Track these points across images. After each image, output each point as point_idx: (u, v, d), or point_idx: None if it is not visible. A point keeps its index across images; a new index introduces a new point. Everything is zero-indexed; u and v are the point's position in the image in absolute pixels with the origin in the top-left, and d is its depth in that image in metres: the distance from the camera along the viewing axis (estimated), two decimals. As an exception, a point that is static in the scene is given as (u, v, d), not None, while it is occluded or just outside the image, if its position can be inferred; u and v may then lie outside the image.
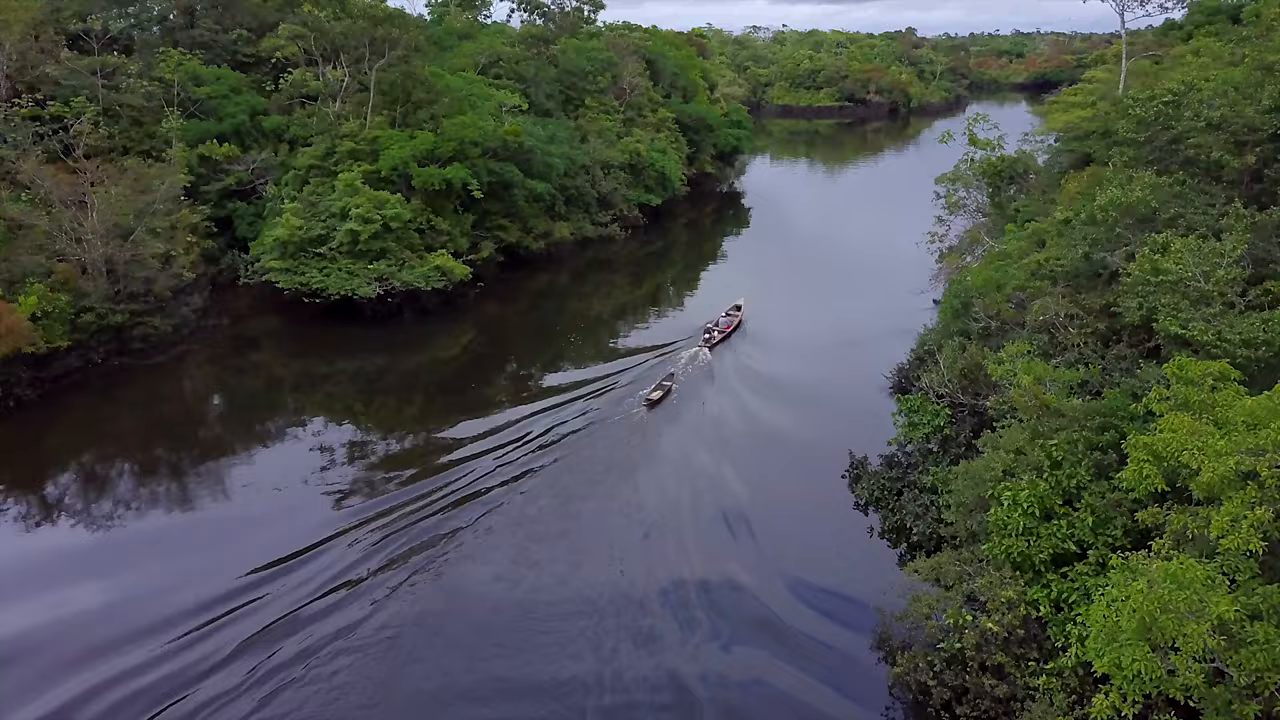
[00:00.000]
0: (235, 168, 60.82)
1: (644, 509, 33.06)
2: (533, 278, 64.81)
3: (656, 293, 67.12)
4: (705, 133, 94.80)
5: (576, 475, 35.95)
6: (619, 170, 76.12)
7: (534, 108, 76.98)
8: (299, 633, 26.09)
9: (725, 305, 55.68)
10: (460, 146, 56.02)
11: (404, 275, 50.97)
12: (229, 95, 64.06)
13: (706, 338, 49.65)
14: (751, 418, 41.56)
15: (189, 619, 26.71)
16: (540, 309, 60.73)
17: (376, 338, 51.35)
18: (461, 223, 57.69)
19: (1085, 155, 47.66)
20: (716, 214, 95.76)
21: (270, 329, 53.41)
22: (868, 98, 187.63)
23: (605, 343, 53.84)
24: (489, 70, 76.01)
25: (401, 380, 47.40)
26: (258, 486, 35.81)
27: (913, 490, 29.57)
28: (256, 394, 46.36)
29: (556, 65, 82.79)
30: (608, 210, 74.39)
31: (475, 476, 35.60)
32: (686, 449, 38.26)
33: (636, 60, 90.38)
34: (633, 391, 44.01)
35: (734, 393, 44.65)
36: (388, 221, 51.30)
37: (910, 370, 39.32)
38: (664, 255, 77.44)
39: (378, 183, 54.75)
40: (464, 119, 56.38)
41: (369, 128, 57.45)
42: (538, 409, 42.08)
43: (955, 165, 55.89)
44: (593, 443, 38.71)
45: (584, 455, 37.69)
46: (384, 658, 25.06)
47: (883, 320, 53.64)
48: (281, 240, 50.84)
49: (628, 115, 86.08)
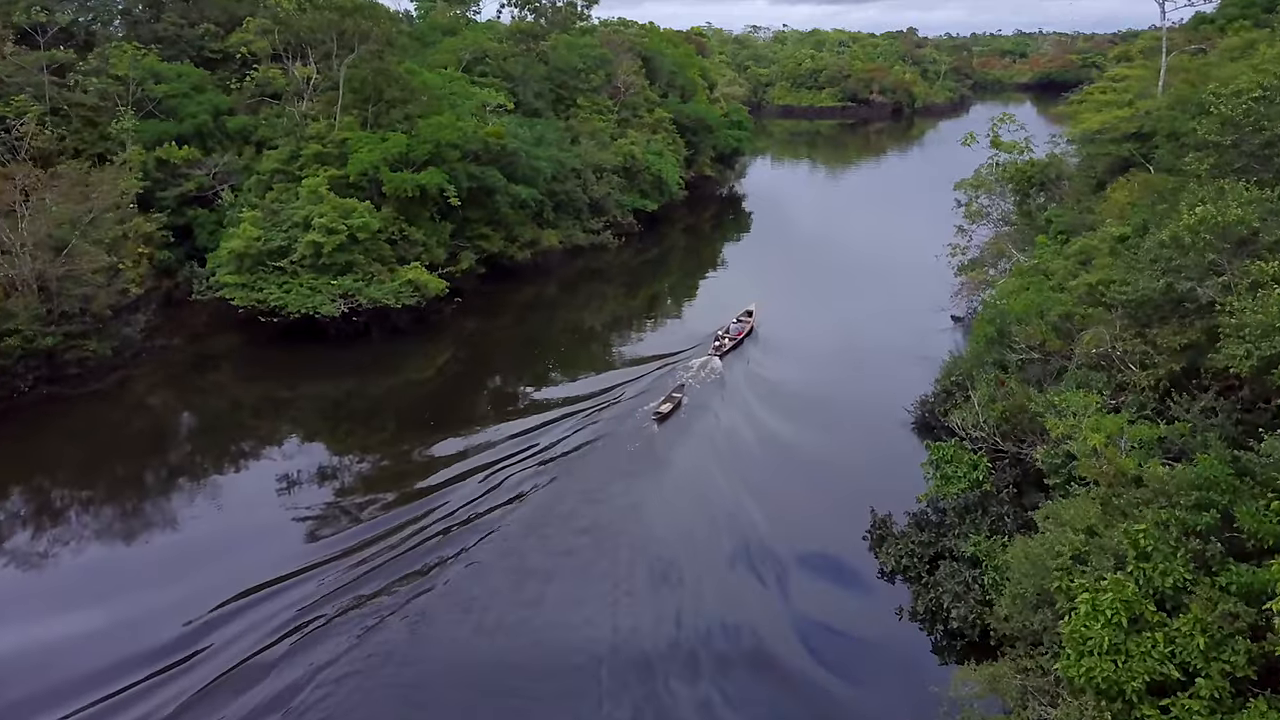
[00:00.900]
0: (196, 172, 56.11)
1: (652, 543, 29.30)
2: (518, 290, 60.16)
3: (654, 303, 62.77)
4: (704, 134, 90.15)
5: (574, 501, 32.32)
6: (612, 174, 71.44)
7: (522, 107, 72.29)
8: (249, 690, 22.72)
9: (729, 313, 51.73)
10: (437, 149, 51.35)
11: (371, 291, 46.28)
12: (190, 94, 59.38)
13: (717, 345, 46.50)
14: (767, 439, 37.85)
15: (122, 674, 23.26)
16: (528, 323, 56.20)
17: (342, 359, 46.70)
18: (439, 232, 53.02)
19: (1123, 159, 43.05)
20: (716, 219, 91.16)
21: (227, 350, 48.67)
22: (871, 98, 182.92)
23: (603, 356, 49.88)
24: (474, 68, 71.32)
25: (371, 405, 42.96)
26: (206, 521, 32.05)
27: (949, 560, 24.91)
28: (208, 422, 41.64)
29: (547, 63, 78.11)
30: (600, 216, 69.70)
31: (456, 506, 32.17)
32: (700, 472, 34.82)
33: (632, 58, 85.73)
34: (637, 407, 40.34)
35: (746, 407, 41.18)
36: (354, 232, 46.63)
37: (936, 404, 34.66)
38: (661, 263, 72.80)
39: (346, 189, 50.06)
40: (441, 119, 51.71)
41: (338, 129, 52.77)
42: (528, 428, 38.52)
43: (976, 170, 51.32)
44: (593, 464, 35.32)
45: (583, 478, 34.11)
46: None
47: (897, 333, 49.52)
48: (237, 252, 46.15)
49: (622, 115, 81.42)
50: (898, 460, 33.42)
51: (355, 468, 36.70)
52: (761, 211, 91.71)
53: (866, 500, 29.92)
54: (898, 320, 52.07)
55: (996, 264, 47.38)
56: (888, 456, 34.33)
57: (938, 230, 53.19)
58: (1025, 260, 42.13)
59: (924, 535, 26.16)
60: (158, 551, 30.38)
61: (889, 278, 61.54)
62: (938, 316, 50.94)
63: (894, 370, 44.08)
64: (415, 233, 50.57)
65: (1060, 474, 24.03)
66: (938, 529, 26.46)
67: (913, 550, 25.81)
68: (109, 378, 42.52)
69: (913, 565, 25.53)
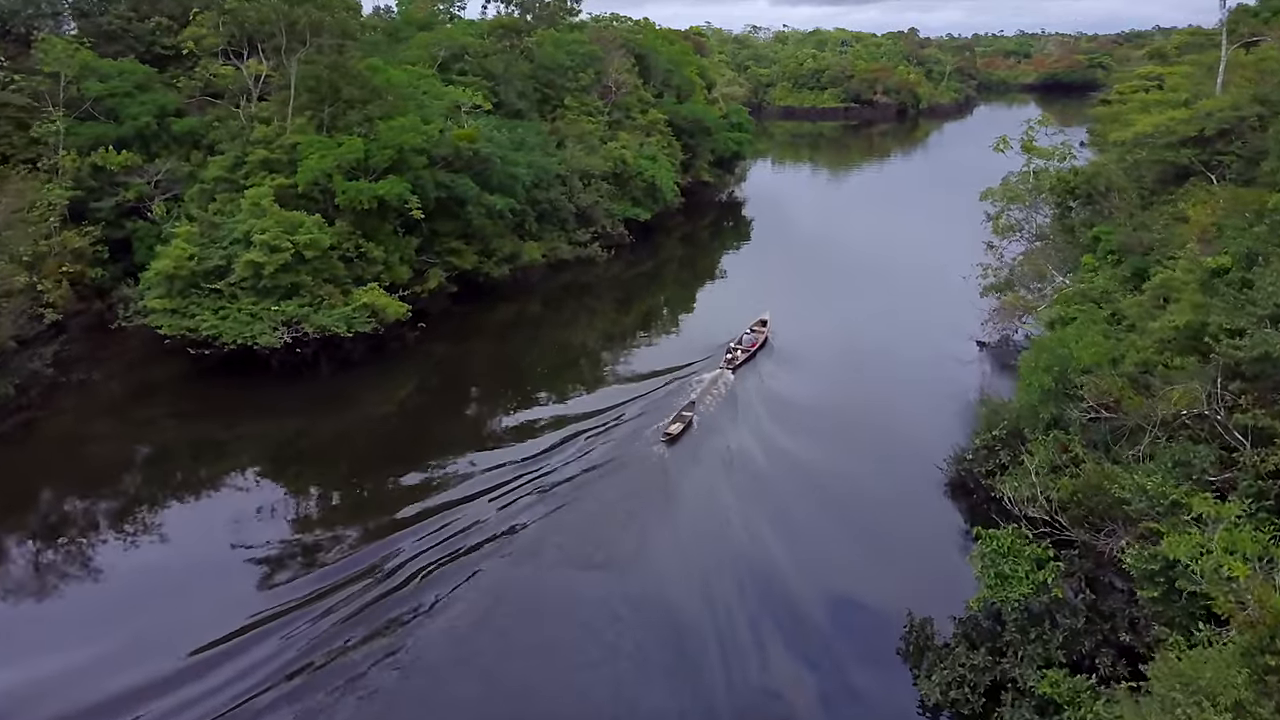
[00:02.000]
0: (136, 180, 50.47)
1: (663, 605, 25.24)
2: (495, 309, 54.40)
3: (650, 317, 57.43)
4: (702, 136, 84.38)
5: (568, 547, 28.48)
6: (601, 180, 65.75)
7: (503, 108, 66.66)
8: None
9: (732, 327, 47.47)
10: (399, 155, 45.60)
11: (319, 318, 40.52)
12: (133, 93, 53.65)
13: (729, 358, 43.44)
14: (783, 472, 33.67)
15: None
16: (508, 344, 50.60)
17: (289, 395, 40.96)
18: (403, 248, 47.29)
19: (1180, 168, 37.38)
20: (715, 227, 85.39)
21: (159, 383, 42.81)
22: (874, 99, 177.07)
23: (596, 376, 45.21)
24: (452, 66, 65.60)
25: (320, 446, 37.73)
26: (122, 581, 27.80)
27: (1012, 693, 19.19)
28: (130, 470, 35.83)
29: (532, 60, 72.47)
30: (588, 227, 64.02)
31: (418, 553, 28.02)
32: (716, 510, 30.80)
33: (624, 55, 80.00)
34: (640, 429, 36.64)
35: (760, 430, 37.30)
36: (301, 250, 40.91)
37: (976, 462, 28.92)
38: (656, 276, 67.08)
39: (296, 200, 44.39)
40: (404, 121, 45.98)
41: (290, 132, 47.07)
42: (509, 460, 34.53)
43: (1004, 179, 45.58)
44: (589, 498, 31.46)
45: (579, 514, 30.31)
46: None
47: (916, 358, 44.63)
48: (166, 274, 40.44)
49: (614, 117, 75.71)
50: (931, 532, 27.83)
51: (300, 516, 32.07)
52: (763, 218, 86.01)
53: (894, 582, 24.36)
54: (915, 342, 47.09)
55: (1032, 285, 41.68)
56: (919, 526, 28.62)
57: (951, 240, 48.88)
58: (1069, 283, 36.47)
59: (977, 655, 20.40)
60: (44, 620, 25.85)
61: (901, 291, 56.53)
62: (959, 340, 45.53)
63: (917, 405, 38.70)
64: (374, 249, 44.85)
65: (1158, 584, 18.37)
66: (994, 645, 20.70)
67: (963, 675, 20.05)
68: (8, 421, 36.73)
69: (965, 697, 19.78)
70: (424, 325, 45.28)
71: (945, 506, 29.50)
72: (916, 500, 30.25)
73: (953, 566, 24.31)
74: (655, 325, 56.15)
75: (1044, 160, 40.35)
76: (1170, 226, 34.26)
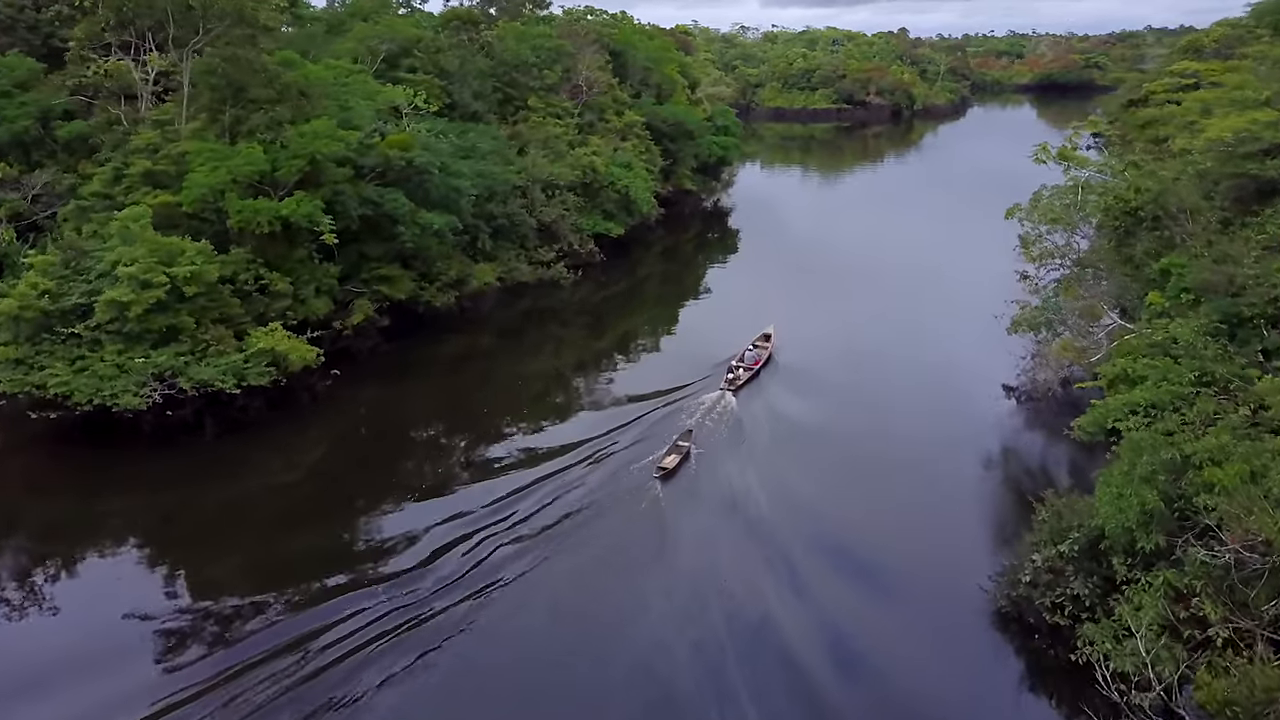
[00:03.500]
0: (10, 195, 42.65)
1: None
2: (439, 343, 46.61)
3: (627, 343, 50.36)
4: (684, 141, 76.61)
5: (535, 622, 24.17)
6: (568, 191, 58.11)
7: (458, 110, 59.04)
8: None
9: (717, 351, 42.88)
10: (313, 165, 37.87)
11: (200, 371, 32.64)
12: (11, 92, 45.76)
13: (730, 378, 39.60)
14: (793, 534, 28.49)
15: None
16: (457, 381, 43.49)
17: (164, 464, 33.01)
18: (319, 276, 39.48)
19: (1267, 181, 30.01)
20: (700, 239, 77.85)
21: (7, 448, 34.96)
22: (867, 99, 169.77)
23: (571, 409, 39.75)
24: (400, 62, 57.82)
25: (203, 523, 30.24)
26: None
27: None
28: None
29: (491, 56, 64.79)
30: (552, 244, 56.36)
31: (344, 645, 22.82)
32: (720, 570, 26.10)
33: (597, 51, 72.30)
34: (624, 466, 32.37)
35: (770, 469, 32.65)
36: (180, 284, 33.09)
37: (1037, 588, 21.29)
38: (632, 296, 59.44)
39: (187, 221, 36.69)
40: (319, 125, 38.17)
41: (184, 138, 39.25)
42: (466, 511, 29.61)
43: (1036, 194, 38.17)
44: (571, 550, 27.27)
45: (551, 579, 25.94)
46: None
47: (931, 397, 38.47)
48: (11, 314, 32.54)
49: (585, 119, 68.02)
50: (980, 692, 20.22)
51: (172, 602, 25.89)
52: (752, 229, 78.45)
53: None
54: (926, 375, 40.99)
55: (1072, 319, 34.23)
56: (962, 680, 21.01)
57: (960, 253, 46.37)
58: (1131, 327, 29.03)
59: None
60: None
61: (907, 309, 50.70)
62: (981, 377, 38.83)
63: (939, 464, 32.39)
64: (279, 281, 37.02)
65: None
66: None
67: None
68: None
69: None
70: (338, 372, 37.35)
71: (994, 649, 21.86)
72: (957, 633, 22.63)
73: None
74: (634, 350, 49.41)
75: (1090, 172, 32.88)
76: (1265, 259, 26.93)
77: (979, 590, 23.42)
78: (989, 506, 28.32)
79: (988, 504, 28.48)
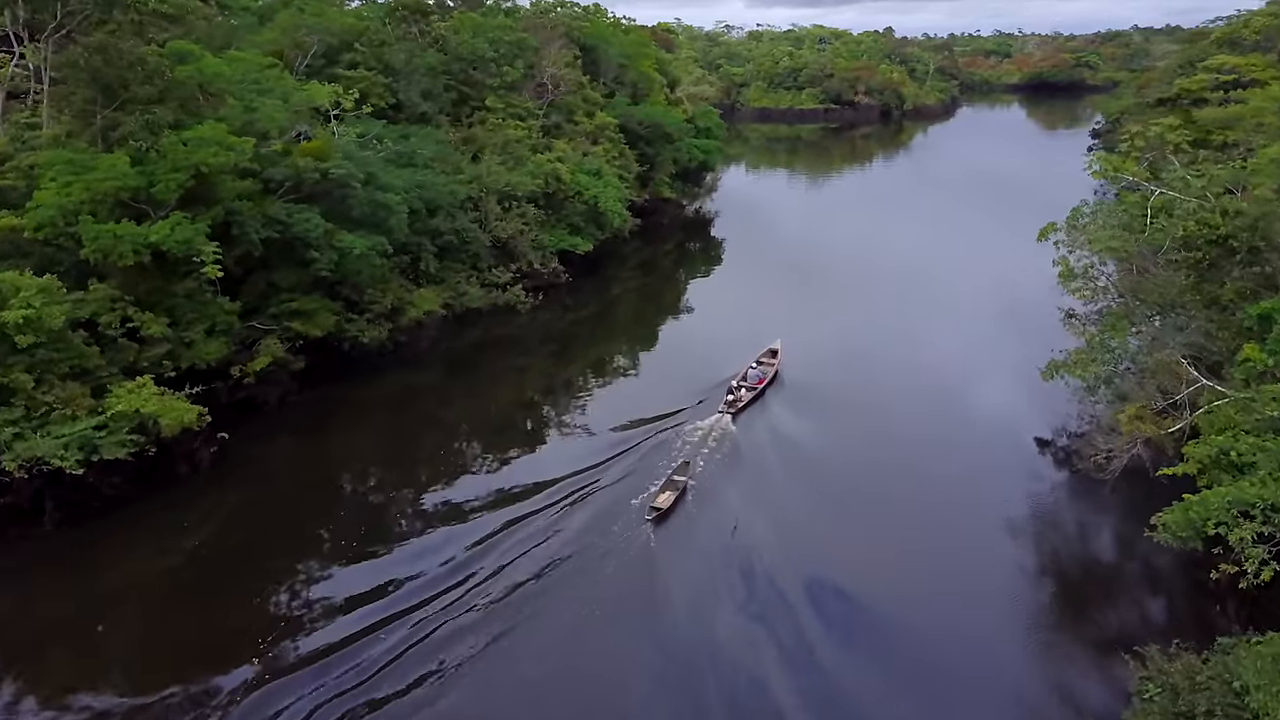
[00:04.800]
0: None
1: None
2: (371, 384, 39.77)
3: (602, 371, 44.41)
4: (662, 144, 69.86)
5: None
6: (528, 203, 51.31)
7: (404, 111, 52.20)
8: None
9: (704, 375, 39.35)
10: (199, 180, 30.91)
11: (34, 445, 25.58)
12: None
13: (731, 399, 36.54)
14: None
15: None
16: (396, 424, 37.12)
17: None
18: (211, 313, 32.48)
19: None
20: (679, 251, 71.16)
21: None
22: (856, 99, 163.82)
23: (537, 447, 35.07)
24: (339, 57, 50.86)
25: (36, 640, 23.55)
26: None
27: None
28: None
29: (445, 51, 57.90)
30: (510, 264, 49.56)
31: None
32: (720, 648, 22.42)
33: (564, 45, 65.53)
34: (605, 511, 28.69)
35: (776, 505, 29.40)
36: (10, 333, 26.08)
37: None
38: (603, 319, 52.73)
39: (39, 249, 29.65)
40: (205, 131, 31.17)
41: (44, 147, 32.17)
42: (406, 578, 25.45)
43: (1074, 211, 31.68)
44: (547, 613, 23.76)
45: (515, 655, 22.24)
46: None
47: (951, 448, 33.18)
48: None
49: (551, 121, 61.29)
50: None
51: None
52: (737, 238, 72.37)
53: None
54: (941, 405, 36.39)
55: (1121, 367, 27.76)
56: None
57: (959, 258, 44.67)
58: (1225, 391, 22.53)
59: None
60: None
61: (906, 325, 46.93)
62: (1001, 426, 33.22)
63: (970, 530, 26.62)
64: (154, 322, 29.97)
65: None
66: None
67: None
68: None
69: None
70: (225, 435, 30.33)
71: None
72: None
73: None
74: (612, 377, 43.53)
75: (1157, 189, 26.34)
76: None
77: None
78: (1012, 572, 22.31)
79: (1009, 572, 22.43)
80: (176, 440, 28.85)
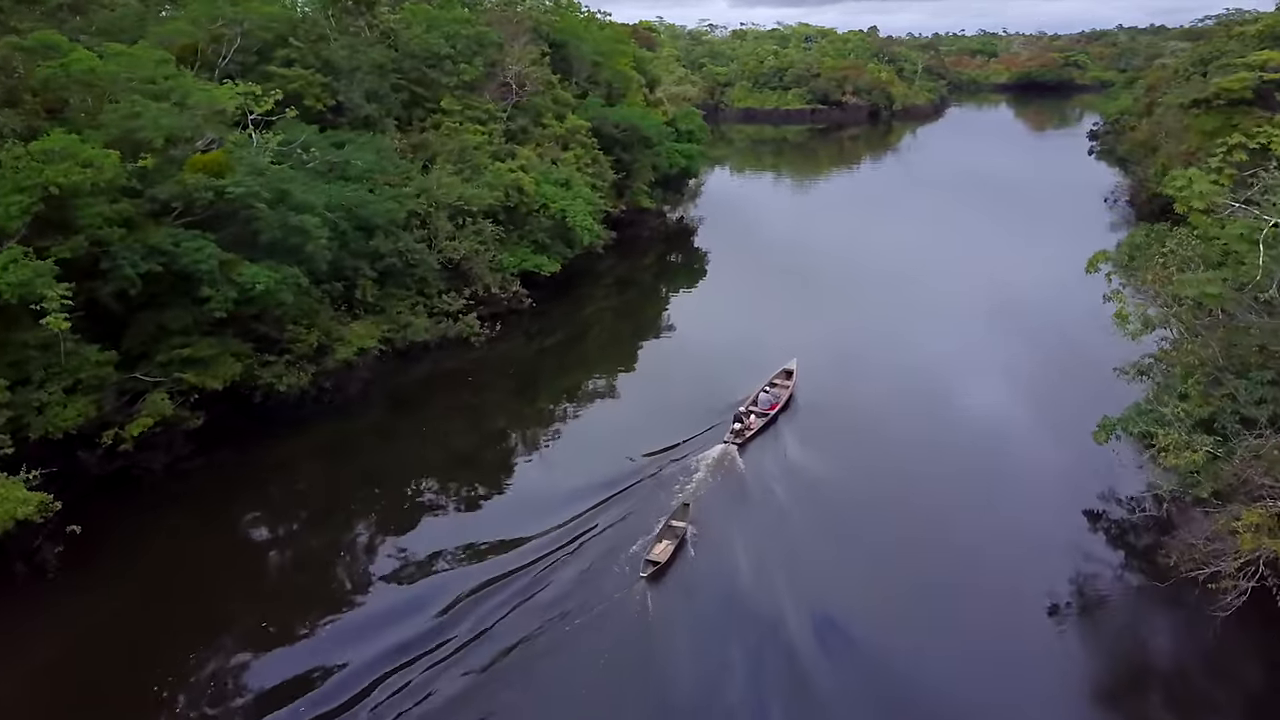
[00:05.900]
0: None
1: None
2: (289, 440, 33.44)
3: (577, 404, 38.35)
4: (640, 149, 63.79)
5: None
6: (485, 219, 45.20)
7: (347, 114, 46.01)
8: None
9: (694, 404, 35.15)
10: (49, 201, 24.66)
11: None
12: None
13: (738, 428, 32.75)
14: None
15: None
16: (322, 482, 31.53)
17: None
18: (72, 367, 26.21)
19: None
20: (660, 265, 65.30)
21: None
22: (843, 99, 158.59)
23: (493, 496, 30.25)
24: (273, 54, 44.57)
25: None
26: None
27: None
28: None
29: (395, 47, 51.72)
30: (464, 288, 43.45)
31: None
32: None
33: (531, 41, 59.45)
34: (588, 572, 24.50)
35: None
36: None
37: None
38: (573, 347, 46.47)
39: None
40: (54, 142, 24.90)
41: None
42: (311, 669, 20.96)
43: (1128, 239, 26.07)
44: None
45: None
46: None
47: (991, 518, 26.89)
48: None
49: (516, 124, 55.21)
50: None
51: None
52: (722, 249, 66.62)
53: None
54: (962, 444, 31.88)
55: (1215, 451, 22.00)
56: None
57: (960, 263, 41.49)
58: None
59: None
60: None
61: (904, 339, 42.90)
62: (1040, 486, 27.67)
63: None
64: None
65: None
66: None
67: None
68: None
69: None
70: (76, 528, 23.97)
71: None
72: None
73: None
74: (586, 412, 37.74)
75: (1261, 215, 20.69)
76: None
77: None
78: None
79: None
80: (11, 537, 22.60)
